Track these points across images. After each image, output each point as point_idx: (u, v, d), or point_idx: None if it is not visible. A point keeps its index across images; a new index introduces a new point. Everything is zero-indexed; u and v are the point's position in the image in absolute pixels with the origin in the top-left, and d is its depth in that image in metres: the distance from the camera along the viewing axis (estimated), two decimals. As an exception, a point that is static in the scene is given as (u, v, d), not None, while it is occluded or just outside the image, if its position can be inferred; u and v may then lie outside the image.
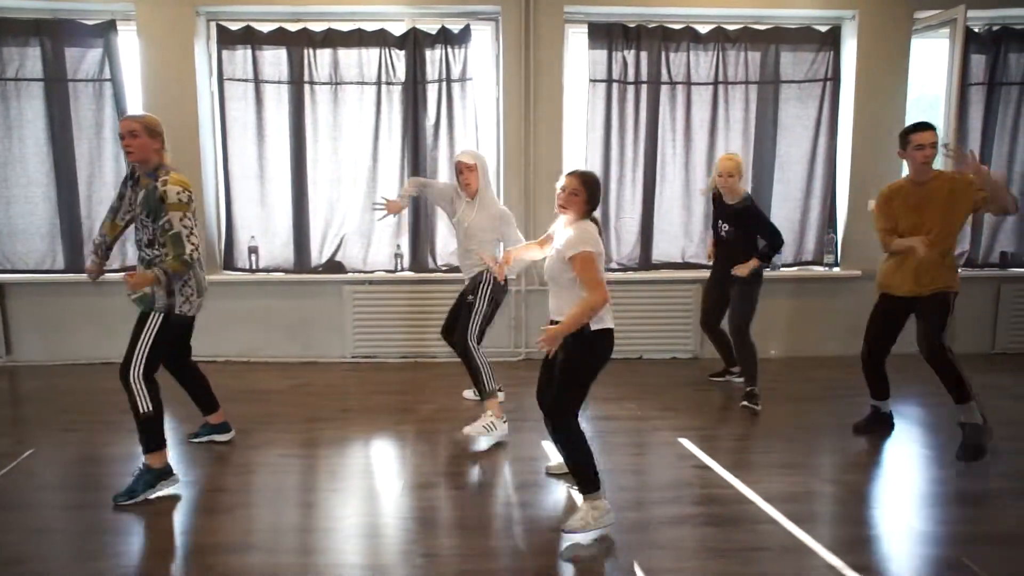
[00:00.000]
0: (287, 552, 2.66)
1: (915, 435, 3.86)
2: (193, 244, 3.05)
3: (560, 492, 3.16)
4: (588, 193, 2.80)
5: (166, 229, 3.02)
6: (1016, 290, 5.45)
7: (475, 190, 3.84)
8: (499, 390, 4.01)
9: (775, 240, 4.13)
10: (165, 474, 3.13)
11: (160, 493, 3.09)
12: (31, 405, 4.47)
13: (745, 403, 4.20)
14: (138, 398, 3.05)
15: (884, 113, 5.22)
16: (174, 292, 3.13)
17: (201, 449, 3.63)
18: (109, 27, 4.94)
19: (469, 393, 4.39)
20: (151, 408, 3.06)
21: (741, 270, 4.12)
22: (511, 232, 3.93)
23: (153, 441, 3.10)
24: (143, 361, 3.06)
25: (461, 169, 3.83)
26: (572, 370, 2.79)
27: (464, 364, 3.85)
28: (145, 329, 3.08)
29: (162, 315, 3.11)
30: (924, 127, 3.40)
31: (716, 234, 4.39)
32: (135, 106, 5.02)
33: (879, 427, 3.88)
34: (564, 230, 2.85)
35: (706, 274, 5.08)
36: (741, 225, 4.18)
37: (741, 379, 4.43)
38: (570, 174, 2.84)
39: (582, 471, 2.79)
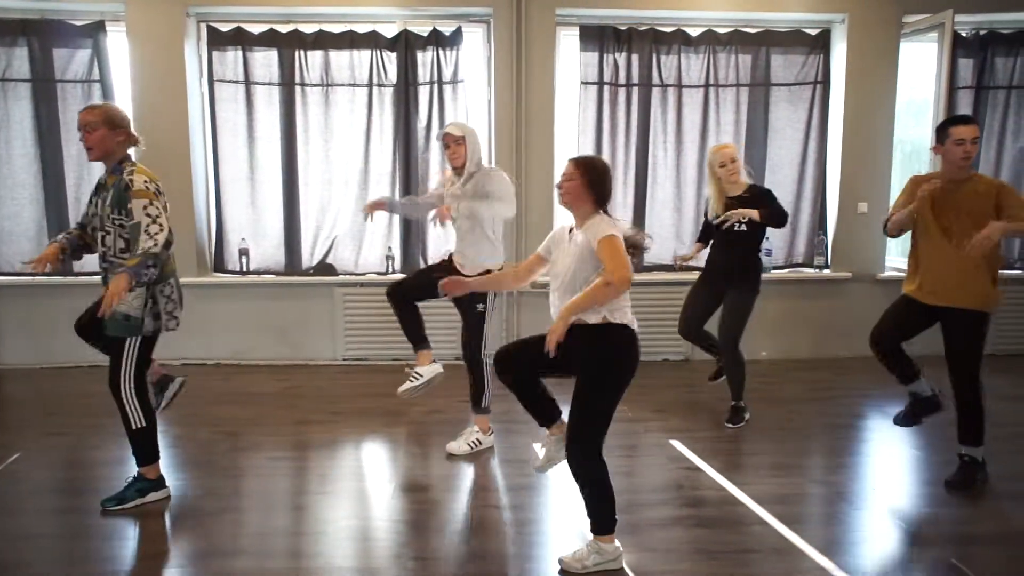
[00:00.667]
0: (277, 556, 2.64)
1: (905, 435, 3.86)
2: (159, 227, 2.78)
3: (551, 495, 3.15)
4: (586, 177, 2.47)
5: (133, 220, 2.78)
6: (1008, 292, 5.46)
7: (463, 163, 3.51)
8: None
9: (781, 217, 3.82)
10: (158, 484, 3.08)
11: (147, 500, 3.04)
12: (18, 408, 4.43)
13: (729, 423, 3.98)
14: (131, 413, 2.94)
15: (873, 116, 5.26)
16: (160, 314, 2.93)
17: (190, 452, 3.60)
18: (98, 28, 4.90)
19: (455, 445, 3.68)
20: (144, 423, 2.97)
21: (743, 214, 3.72)
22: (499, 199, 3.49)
23: (148, 453, 3.03)
24: (132, 377, 2.93)
25: (448, 143, 3.52)
26: (599, 382, 2.46)
27: (470, 377, 3.63)
28: (126, 350, 2.90)
29: (140, 337, 2.91)
30: (965, 120, 3.05)
31: (720, 238, 3.95)
32: (124, 107, 4.95)
33: (926, 412, 3.35)
34: (577, 232, 2.53)
35: (695, 276, 5.08)
36: (758, 207, 3.78)
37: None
38: (569, 160, 2.55)
39: (597, 508, 2.51)
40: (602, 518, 2.52)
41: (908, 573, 2.56)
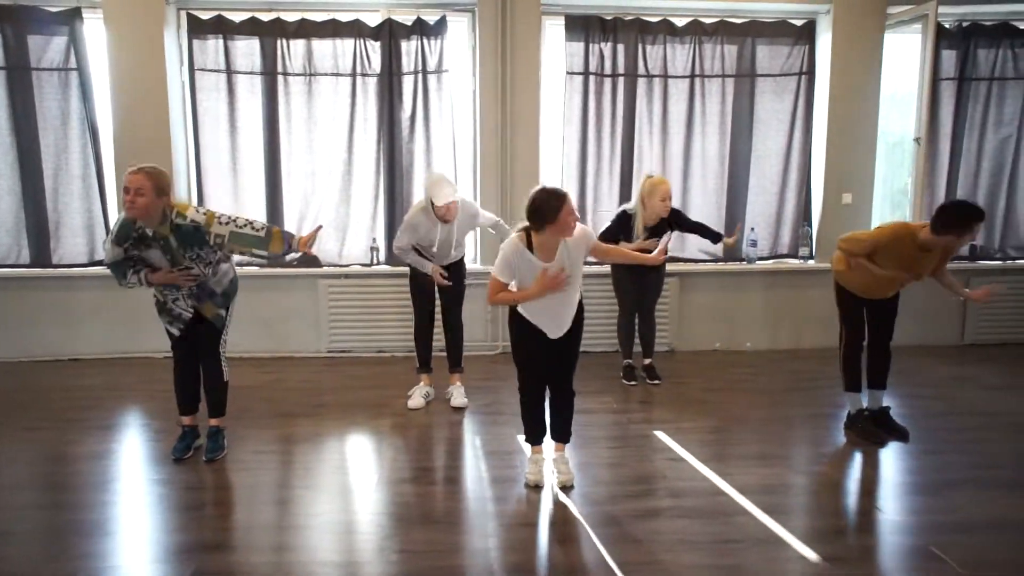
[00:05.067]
0: (261, 550, 2.62)
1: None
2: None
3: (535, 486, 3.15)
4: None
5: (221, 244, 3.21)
6: (985, 282, 5.48)
7: (454, 217, 3.90)
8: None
9: (697, 225, 4.56)
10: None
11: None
12: (-4, 403, 4.36)
13: (656, 381, 4.56)
14: (224, 368, 3.46)
15: (858, 107, 5.27)
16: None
17: (171, 446, 3.56)
18: (74, 14, 4.81)
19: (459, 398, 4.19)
20: (228, 377, 3.52)
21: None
22: (485, 218, 4.25)
23: (225, 405, 3.53)
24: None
25: (452, 208, 3.81)
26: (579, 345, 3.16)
27: (458, 341, 4.25)
28: (228, 317, 3.45)
29: None
30: (983, 217, 3.25)
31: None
32: (103, 97, 4.90)
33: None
34: (564, 245, 2.89)
35: (682, 267, 5.08)
36: (681, 224, 4.47)
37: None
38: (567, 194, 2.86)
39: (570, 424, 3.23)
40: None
41: (888, 561, 2.58)
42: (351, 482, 3.21)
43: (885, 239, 3.42)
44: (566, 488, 3.08)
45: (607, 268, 5.12)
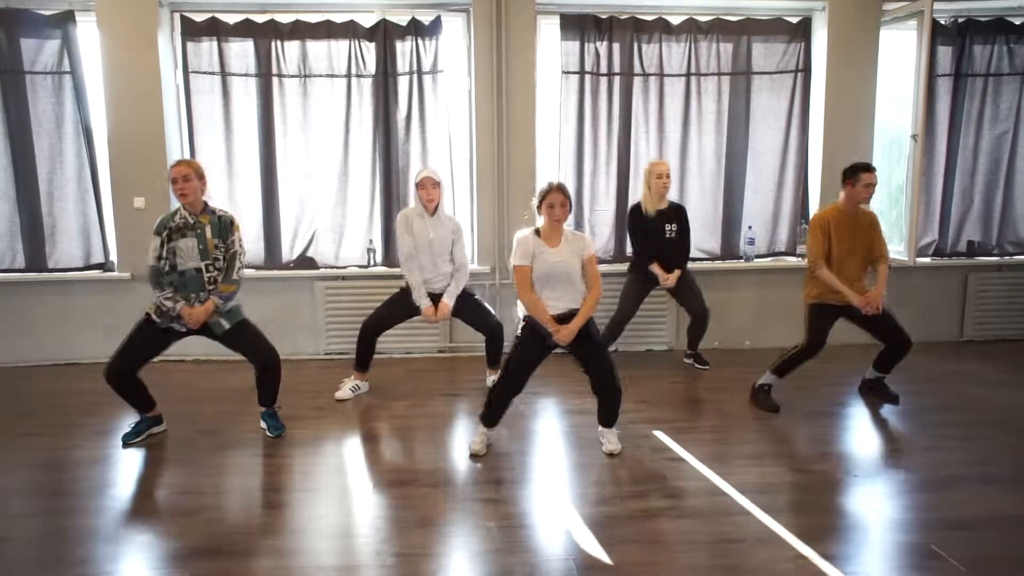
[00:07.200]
0: (258, 555, 2.61)
1: (885, 423, 3.90)
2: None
3: (533, 489, 3.14)
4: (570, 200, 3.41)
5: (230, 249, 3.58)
6: (983, 279, 5.55)
7: (437, 206, 4.11)
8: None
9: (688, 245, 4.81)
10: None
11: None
12: (-8, 409, 4.34)
13: (705, 366, 4.90)
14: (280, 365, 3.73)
15: (854, 104, 5.27)
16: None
17: (170, 451, 3.55)
18: (67, 17, 4.79)
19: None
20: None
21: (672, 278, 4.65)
22: (460, 247, 4.23)
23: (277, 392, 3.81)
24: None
25: (426, 185, 4.05)
26: (599, 335, 3.52)
27: (499, 345, 4.33)
28: (254, 326, 3.71)
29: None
30: (872, 169, 3.85)
31: (657, 240, 4.67)
32: (97, 100, 4.88)
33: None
34: (565, 238, 3.39)
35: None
36: (682, 220, 4.72)
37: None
38: (558, 189, 3.33)
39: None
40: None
41: (888, 559, 2.57)
42: (349, 485, 3.20)
43: (822, 220, 3.92)
44: (614, 455, 3.42)
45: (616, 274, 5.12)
